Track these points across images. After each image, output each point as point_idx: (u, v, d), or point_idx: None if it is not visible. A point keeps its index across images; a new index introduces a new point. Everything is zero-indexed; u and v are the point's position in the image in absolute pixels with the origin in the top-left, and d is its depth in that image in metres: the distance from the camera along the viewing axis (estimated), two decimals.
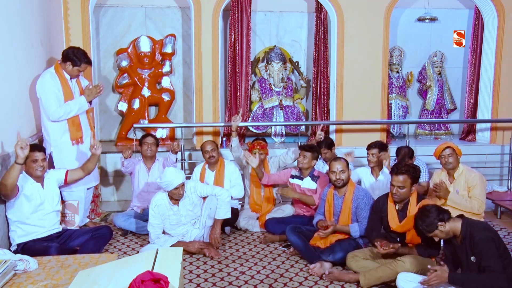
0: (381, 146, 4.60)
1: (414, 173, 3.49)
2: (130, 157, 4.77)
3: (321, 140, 5.03)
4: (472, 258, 2.87)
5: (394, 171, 3.52)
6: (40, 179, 3.63)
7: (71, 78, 4.30)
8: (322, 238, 3.84)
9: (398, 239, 3.51)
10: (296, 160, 4.59)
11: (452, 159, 4.19)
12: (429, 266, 2.89)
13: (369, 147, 4.60)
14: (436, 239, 3.03)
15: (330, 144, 5.03)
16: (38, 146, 3.65)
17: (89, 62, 4.28)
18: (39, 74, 4.30)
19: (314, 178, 4.44)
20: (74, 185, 4.26)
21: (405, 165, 3.54)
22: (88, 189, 4.52)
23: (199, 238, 4.13)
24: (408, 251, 3.39)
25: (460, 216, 3.00)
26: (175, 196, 3.95)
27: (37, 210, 3.58)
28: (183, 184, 3.92)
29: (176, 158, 4.94)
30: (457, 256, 3.02)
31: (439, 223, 2.91)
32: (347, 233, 3.82)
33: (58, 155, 4.26)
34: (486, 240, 2.80)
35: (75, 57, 4.17)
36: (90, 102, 4.36)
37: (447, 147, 4.22)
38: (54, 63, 4.84)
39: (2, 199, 3.47)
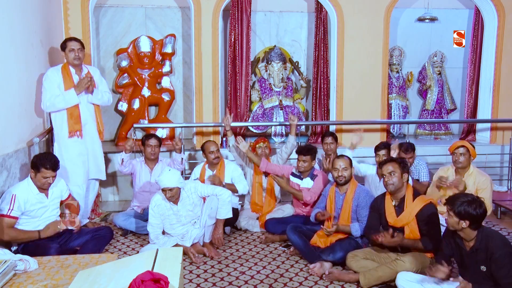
0: (389, 146, 4.66)
1: (401, 161, 3.62)
2: (131, 151, 4.74)
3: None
4: (482, 267, 2.82)
5: (382, 162, 3.67)
6: (45, 189, 3.64)
7: (76, 72, 4.36)
8: (322, 237, 3.85)
9: None
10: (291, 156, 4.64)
11: (464, 158, 4.21)
12: (451, 280, 2.79)
13: (377, 149, 4.63)
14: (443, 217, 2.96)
15: (336, 137, 5.10)
16: (52, 164, 3.55)
17: (72, 39, 4.41)
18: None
19: (313, 177, 4.46)
20: (73, 180, 4.33)
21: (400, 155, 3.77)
22: (89, 180, 4.55)
23: (199, 238, 4.13)
24: (412, 243, 3.38)
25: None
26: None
27: (40, 219, 3.59)
28: (171, 189, 3.85)
29: (182, 158, 4.93)
30: (458, 257, 3.00)
31: (466, 222, 2.81)
32: (348, 232, 3.82)
33: (58, 146, 4.34)
34: (507, 256, 2.73)
35: (62, 44, 4.38)
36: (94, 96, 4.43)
37: (463, 145, 4.24)
38: (54, 63, 4.88)
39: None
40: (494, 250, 2.75)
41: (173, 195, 3.89)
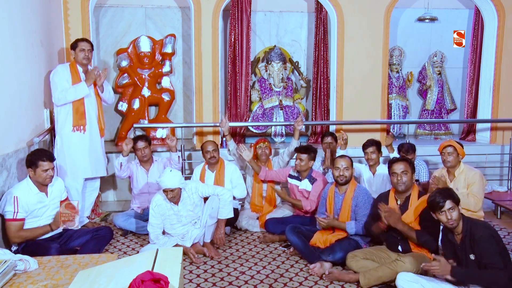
0: (377, 143, 4.66)
1: (411, 162, 3.61)
2: (128, 155, 4.75)
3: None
4: (471, 256, 2.88)
5: (393, 160, 3.63)
6: (44, 188, 3.62)
7: (82, 71, 4.45)
8: (322, 237, 3.85)
9: (398, 238, 3.50)
10: (293, 158, 4.64)
11: (452, 158, 4.23)
12: (434, 255, 2.89)
13: (365, 147, 4.64)
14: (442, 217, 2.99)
15: (335, 137, 5.10)
16: (48, 155, 3.57)
17: (83, 39, 4.51)
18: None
19: (312, 180, 4.44)
20: (71, 175, 4.36)
21: (401, 156, 3.66)
22: (86, 180, 4.56)
23: (200, 238, 4.13)
24: (407, 229, 3.37)
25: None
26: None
27: (41, 218, 3.59)
28: (172, 190, 3.85)
29: (179, 157, 4.92)
30: (456, 255, 3.02)
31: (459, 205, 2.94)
32: (343, 229, 3.83)
33: (60, 140, 4.40)
34: (487, 237, 2.82)
35: (73, 43, 4.49)
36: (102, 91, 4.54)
37: (450, 145, 4.26)
38: (54, 63, 4.88)
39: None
40: (475, 232, 2.85)
41: (174, 195, 3.89)
